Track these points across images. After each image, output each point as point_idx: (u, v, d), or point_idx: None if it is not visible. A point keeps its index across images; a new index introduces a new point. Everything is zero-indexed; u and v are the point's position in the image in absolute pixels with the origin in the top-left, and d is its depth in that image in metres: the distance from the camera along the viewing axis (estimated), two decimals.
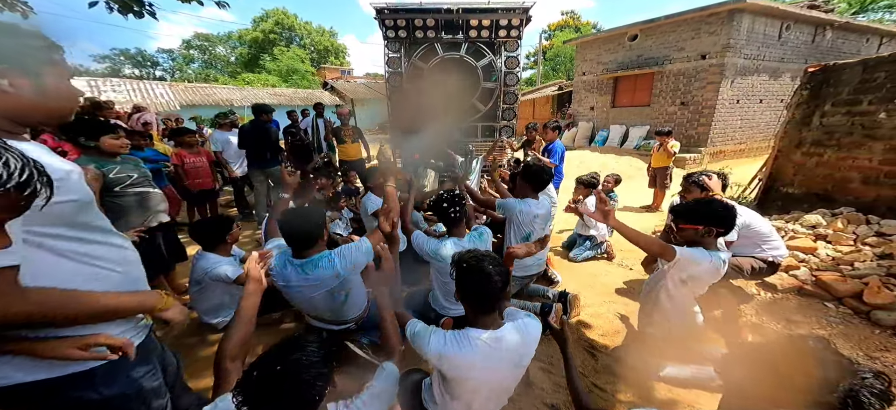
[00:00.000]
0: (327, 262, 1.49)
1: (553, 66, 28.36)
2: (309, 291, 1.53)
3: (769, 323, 2.36)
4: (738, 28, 7.93)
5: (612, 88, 10.81)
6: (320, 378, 0.78)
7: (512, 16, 4.42)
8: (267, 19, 27.30)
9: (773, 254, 2.14)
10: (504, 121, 5.10)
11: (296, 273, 1.50)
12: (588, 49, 11.35)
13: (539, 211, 2.35)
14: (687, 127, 9.08)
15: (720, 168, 4.59)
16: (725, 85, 8.34)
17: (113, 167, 1.92)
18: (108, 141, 1.88)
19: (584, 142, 10.99)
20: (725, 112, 8.75)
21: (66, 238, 0.74)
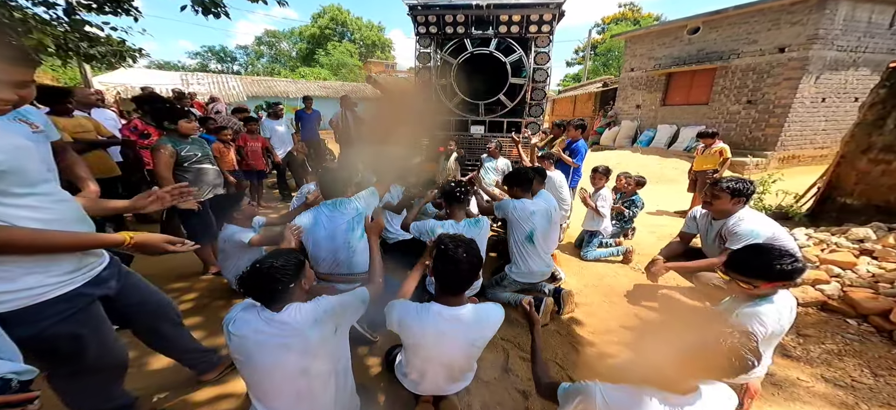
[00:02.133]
0: (351, 202, 1.98)
1: (605, 62, 26.56)
2: (332, 228, 1.89)
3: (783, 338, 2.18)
4: (832, 17, 6.84)
5: (663, 85, 9.95)
6: (285, 276, 1.11)
7: (543, 11, 4.38)
8: (323, 15, 29.27)
9: None
10: (530, 118, 5.09)
11: (328, 210, 1.92)
12: (638, 43, 10.55)
13: (534, 207, 2.35)
14: (752, 128, 8.09)
15: (765, 176, 4.10)
16: (807, 81, 7.26)
17: (184, 146, 2.36)
18: (184, 124, 2.35)
19: (626, 142, 10.31)
20: (804, 112, 7.62)
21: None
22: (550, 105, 16.47)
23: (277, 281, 1.10)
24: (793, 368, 1.97)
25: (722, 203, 2.05)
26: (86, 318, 1.10)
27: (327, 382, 1.19)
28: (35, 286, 0.97)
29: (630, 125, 10.54)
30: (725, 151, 3.99)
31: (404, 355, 1.45)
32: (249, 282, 1.11)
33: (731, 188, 2.02)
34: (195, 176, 2.40)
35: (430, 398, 1.51)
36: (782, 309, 1.36)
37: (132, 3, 4.45)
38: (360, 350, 1.98)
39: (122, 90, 10.55)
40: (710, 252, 2.24)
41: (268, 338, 1.09)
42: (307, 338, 1.11)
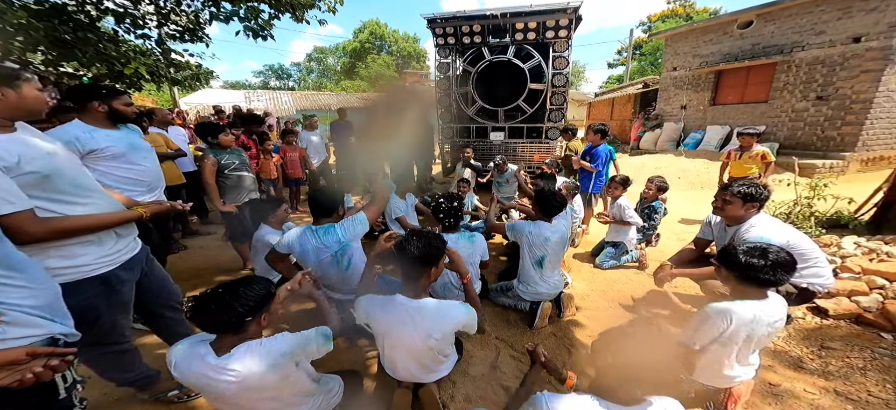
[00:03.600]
0: (334, 231, 1.88)
1: (653, 61, 24.78)
2: (319, 258, 1.84)
3: (798, 349, 1.99)
4: None
5: (712, 84, 9.07)
6: (244, 306, 1.02)
7: (559, 16, 4.39)
8: (364, 30, 31.25)
9: (812, 281, 1.78)
10: (550, 123, 5.05)
11: (313, 238, 1.86)
12: (680, 41, 9.76)
13: (552, 235, 2.24)
14: (824, 126, 7.04)
15: (815, 181, 3.57)
16: (892, 72, 6.17)
17: (224, 156, 2.70)
18: (223, 138, 2.77)
19: (669, 146, 9.51)
20: (892, 107, 6.46)
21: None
22: (587, 109, 15.79)
23: (233, 309, 1.00)
24: (801, 380, 1.81)
25: (733, 209, 1.93)
26: (116, 297, 1.32)
27: (295, 396, 1.23)
28: (85, 264, 1.21)
29: (674, 127, 9.73)
30: (768, 154, 3.54)
31: (377, 342, 1.55)
32: (199, 307, 0.99)
33: (742, 193, 1.89)
34: (234, 181, 2.80)
35: (410, 385, 1.58)
36: (759, 313, 1.35)
37: (204, 31, 5.32)
38: (362, 342, 2.11)
39: (201, 108, 12.38)
40: None
41: (217, 386, 1.02)
42: (264, 382, 1.05)
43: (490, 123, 5.30)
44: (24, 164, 1.01)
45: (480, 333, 2.14)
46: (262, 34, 5.17)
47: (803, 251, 1.82)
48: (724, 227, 2.09)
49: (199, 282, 2.84)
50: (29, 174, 1.02)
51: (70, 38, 3.90)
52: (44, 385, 0.91)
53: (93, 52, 4.06)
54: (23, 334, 0.87)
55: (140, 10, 4.71)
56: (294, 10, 5.16)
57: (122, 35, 4.66)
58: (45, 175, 1.06)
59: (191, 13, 5.14)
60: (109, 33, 4.55)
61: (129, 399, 1.68)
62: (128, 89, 4.63)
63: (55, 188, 1.10)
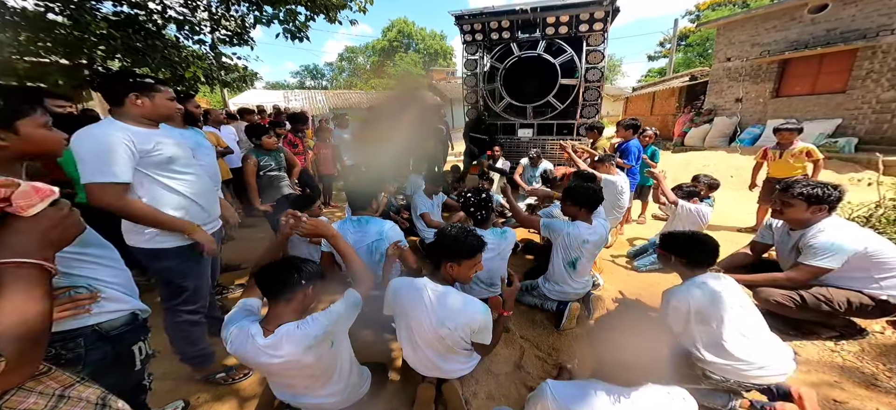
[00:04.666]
0: (376, 225, 1.97)
1: (701, 52, 22.70)
2: (355, 242, 1.93)
3: (871, 366, 1.75)
4: None
5: (775, 74, 8.13)
6: (303, 272, 1.20)
7: (595, 9, 4.16)
8: (392, 29, 31.78)
9: (893, 294, 1.53)
10: (583, 119, 4.82)
11: (353, 226, 1.98)
12: (736, 30, 8.83)
13: (591, 236, 2.10)
14: None
15: None
16: None
17: (263, 157, 2.86)
18: (265, 140, 2.96)
19: (721, 142, 8.69)
20: None
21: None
22: (623, 104, 14.88)
23: (291, 273, 1.17)
24: (873, 399, 1.61)
25: (795, 211, 1.72)
26: (202, 264, 1.58)
27: (333, 375, 1.32)
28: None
29: (727, 122, 8.86)
30: (814, 151, 3.11)
31: (397, 328, 1.60)
32: (267, 270, 1.17)
33: (806, 193, 1.68)
34: (266, 182, 2.97)
35: (433, 380, 1.60)
36: (694, 290, 1.47)
37: (249, 34, 5.72)
38: (387, 335, 2.14)
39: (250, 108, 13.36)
40: (786, 266, 1.88)
41: (264, 362, 1.15)
42: (303, 361, 1.17)
43: (518, 120, 5.18)
44: (157, 150, 1.36)
45: (490, 352, 2.11)
46: (299, 36, 5.46)
47: (885, 259, 1.59)
48: (787, 232, 1.88)
49: (241, 274, 3.06)
50: (160, 156, 1.37)
51: (141, 46, 4.39)
52: (124, 358, 1.03)
53: (159, 58, 4.53)
54: (115, 308, 1.00)
55: (196, 17, 5.18)
56: (327, 11, 5.35)
57: (182, 41, 5.17)
58: (169, 156, 1.41)
59: (238, 18, 5.57)
60: (172, 40, 5.06)
61: (179, 381, 1.84)
62: (188, 91, 5.15)
63: (173, 168, 1.43)
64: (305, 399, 1.35)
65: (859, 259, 1.61)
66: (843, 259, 1.60)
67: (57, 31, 3.94)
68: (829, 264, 1.62)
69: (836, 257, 1.61)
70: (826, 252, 1.62)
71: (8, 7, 3.80)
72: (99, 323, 0.96)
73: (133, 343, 1.05)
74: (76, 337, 0.91)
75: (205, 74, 5.45)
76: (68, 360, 0.77)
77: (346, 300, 1.31)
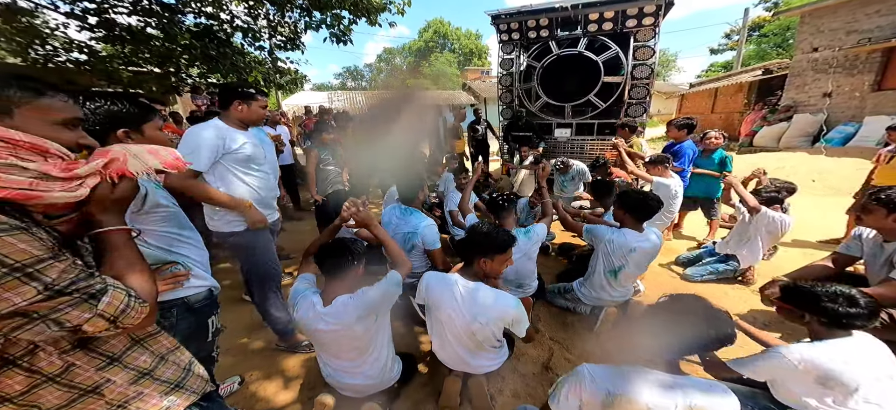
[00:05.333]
0: (416, 220, 2.10)
1: (780, 43, 19.93)
2: (395, 228, 2.13)
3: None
4: None
5: (877, 65, 6.96)
6: (355, 254, 1.41)
7: (645, 4, 3.89)
8: (428, 30, 32.23)
9: None
10: (628, 118, 4.55)
11: (399, 213, 2.17)
12: (826, 16, 7.64)
13: (639, 244, 1.98)
14: None
15: None
16: None
17: (322, 151, 3.18)
18: (325, 136, 3.30)
19: (802, 142, 7.61)
20: None
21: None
22: (678, 102, 13.63)
23: (345, 253, 1.37)
24: None
25: (874, 219, 1.56)
26: (261, 236, 1.80)
27: (372, 351, 1.45)
28: (268, 215, 1.75)
29: (810, 120, 7.72)
30: None
31: (426, 320, 1.68)
32: (324, 251, 1.36)
33: (885, 199, 1.49)
34: (324, 175, 3.25)
35: (460, 374, 1.66)
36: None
37: (301, 39, 6.21)
38: (416, 328, 2.25)
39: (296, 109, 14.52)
40: (875, 282, 1.66)
41: (321, 328, 1.33)
42: (353, 330, 1.34)
43: (555, 120, 5.02)
44: (241, 150, 1.60)
45: (529, 341, 2.11)
46: (343, 39, 5.82)
47: None
48: (881, 244, 1.66)
49: (290, 263, 3.35)
50: (243, 154, 1.62)
51: (214, 54, 4.99)
52: (202, 329, 1.20)
53: (229, 65, 5.11)
54: (199, 283, 1.18)
55: (257, 25, 5.76)
56: (368, 14, 5.59)
57: (246, 48, 5.77)
58: (249, 155, 1.65)
59: (291, 24, 6.08)
60: (238, 47, 5.68)
61: (237, 358, 2.07)
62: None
63: (250, 165, 1.68)
64: (347, 379, 1.50)
65: None
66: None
67: (153, 43, 4.63)
68: None
69: None
70: None
71: (118, 23, 4.55)
72: (187, 296, 1.14)
73: (209, 316, 1.23)
74: (171, 308, 1.09)
75: (263, 78, 6.03)
76: (164, 327, 0.90)
77: (388, 279, 1.44)
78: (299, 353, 2.04)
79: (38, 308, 0.54)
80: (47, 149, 0.59)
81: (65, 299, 0.56)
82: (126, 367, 0.71)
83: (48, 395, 0.63)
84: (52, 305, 0.55)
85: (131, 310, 0.63)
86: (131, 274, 0.66)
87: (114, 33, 4.49)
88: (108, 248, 0.66)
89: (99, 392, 0.67)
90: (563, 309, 2.38)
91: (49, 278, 0.54)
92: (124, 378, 0.70)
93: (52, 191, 0.56)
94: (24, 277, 0.52)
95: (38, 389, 0.61)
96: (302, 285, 1.44)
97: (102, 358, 0.67)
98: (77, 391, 0.65)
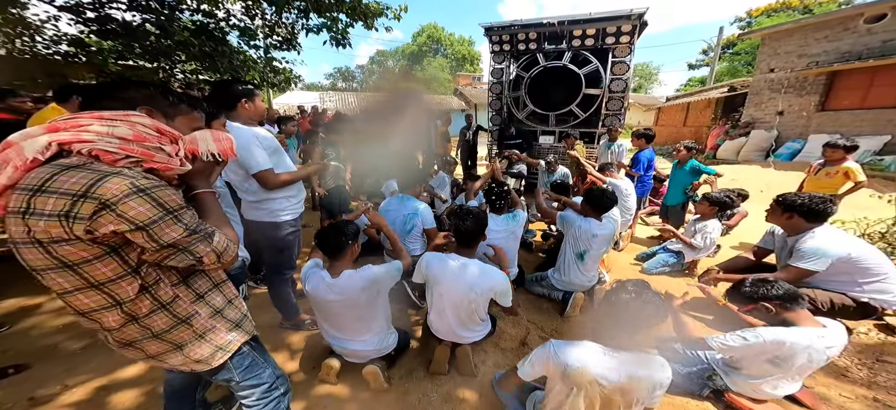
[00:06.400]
0: (414, 202, 2.38)
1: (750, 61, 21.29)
2: (394, 217, 2.37)
3: (846, 360, 1.86)
4: None
5: (822, 87, 7.70)
6: (348, 233, 1.60)
7: (622, 23, 4.30)
8: (421, 34, 32.49)
9: (875, 297, 1.65)
10: (604, 128, 4.95)
11: (396, 201, 2.43)
12: (783, 40, 8.42)
13: (599, 231, 2.38)
14: None
15: None
16: None
17: (326, 146, 3.53)
18: (333, 137, 3.52)
19: (756, 156, 8.31)
20: None
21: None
22: (655, 114, 14.43)
23: (341, 235, 1.56)
24: (838, 387, 1.76)
25: (775, 217, 1.94)
26: (295, 233, 1.94)
27: (373, 322, 1.66)
28: (298, 204, 1.88)
29: (764, 136, 8.45)
30: (854, 173, 2.91)
31: (427, 296, 1.90)
32: (322, 235, 1.56)
33: (780, 200, 1.88)
34: (331, 169, 3.43)
35: (449, 344, 1.89)
36: (817, 340, 1.40)
37: (298, 40, 6.32)
38: (410, 311, 2.51)
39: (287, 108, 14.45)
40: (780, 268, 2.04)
41: (331, 298, 1.50)
42: (357, 300, 1.54)
43: (540, 127, 5.38)
44: (268, 144, 1.68)
45: (513, 315, 2.39)
46: (343, 43, 5.97)
47: (868, 265, 1.73)
48: (785, 237, 2.04)
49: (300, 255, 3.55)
50: (270, 149, 1.69)
51: (210, 51, 5.09)
52: None
53: (226, 63, 5.21)
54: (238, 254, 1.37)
55: (254, 25, 5.86)
56: (365, 19, 5.72)
57: (241, 47, 5.86)
58: (275, 148, 1.73)
59: (289, 25, 6.19)
60: (233, 46, 5.76)
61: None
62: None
63: (274, 158, 1.72)
64: (349, 345, 1.72)
65: (844, 263, 1.75)
66: (828, 262, 1.74)
67: (148, 40, 4.69)
68: (813, 266, 1.77)
69: (820, 260, 1.76)
70: (812, 255, 1.78)
71: (112, 18, 4.59)
72: None
73: (239, 284, 1.44)
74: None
75: (259, 76, 6.12)
76: None
77: (392, 264, 1.70)
78: (302, 330, 2.23)
79: (181, 241, 0.75)
80: (178, 138, 0.82)
81: (196, 236, 0.77)
82: (208, 304, 0.91)
83: (158, 320, 0.82)
84: (189, 240, 0.76)
85: (229, 250, 0.84)
86: (223, 225, 0.88)
87: (107, 28, 4.54)
88: (203, 207, 0.88)
89: (189, 323, 0.87)
90: (539, 296, 2.68)
91: (187, 220, 0.76)
92: (206, 312, 0.90)
93: (175, 165, 0.79)
94: (174, 218, 0.73)
95: (154, 314, 0.81)
96: (311, 266, 1.65)
97: (194, 294, 0.89)
98: (176, 319, 0.85)
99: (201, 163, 0.87)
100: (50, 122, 0.71)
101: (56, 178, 0.65)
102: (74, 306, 0.76)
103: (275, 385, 1.08)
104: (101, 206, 0.65)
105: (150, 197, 0.69)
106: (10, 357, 1.96)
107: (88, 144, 0.69)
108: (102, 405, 1.66)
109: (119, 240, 0.71)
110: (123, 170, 0.70)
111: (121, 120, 0.73)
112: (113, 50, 4.69)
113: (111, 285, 0.74)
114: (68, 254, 0.68)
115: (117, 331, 0.80)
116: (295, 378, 1.87)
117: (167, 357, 0.87)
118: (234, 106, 1.59)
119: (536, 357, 1.31)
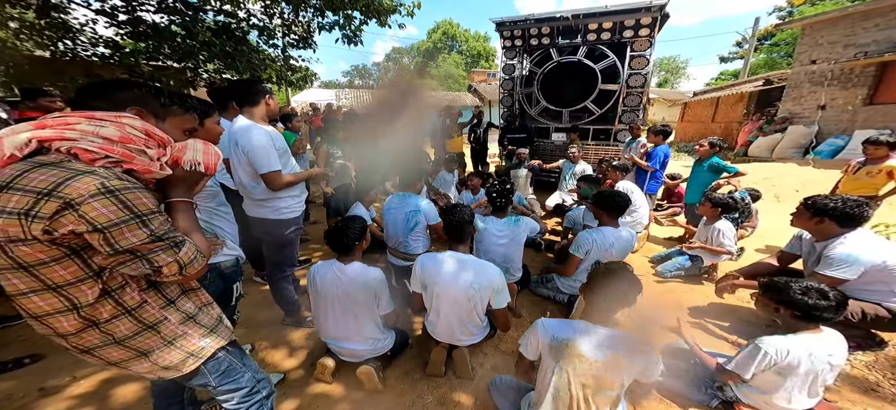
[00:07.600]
0: (415, 199, 2.38)
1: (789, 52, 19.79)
2: (396, 215, 2.38)
3: (877, 375, 1.72)
4: None
5: (870, 79, 7.03)
6: (355, 231, 1.67)
7: (641, 16, 4.08)
8: (437, 31, 32.29)
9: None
10: (622, 125, 4.73)
11: (398, 199, 2.42)
12: (826, 29, 7.72)
13: (615, 240, 2.18)
14: None
15: None
16: None
17: (331, 145, 3.57)
18: (340, 133, 3.57)
19: (794, 153, 7.70)
20: None
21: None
22: (681, 110, 13.68)
23: (348, 232, 1.63)
24: (865, 404, 1.63)
25: (801, 221, 1.78)
26: (297, 231, 2.00)
27: (364, 327, 1.68)
28: (300, 203, 1.93)
29: (803, 131, 7.81)
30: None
31: (425, 299, 1.87)
32: (332, 232, 1.63)
33: (809, 203, 1.71)
34: (331, 168, 3.40)
35: (446, 346, 1.87)
36: (816, 348, 1.34)
37: (314, 38, 6.43)
38: (409, 311, 2.43)
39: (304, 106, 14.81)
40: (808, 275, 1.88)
41: (336, 289, 1.57)
42: (356, 296, 1.60)
43: (553, 124, 5.22)
44: (279, 144, 1.73)
45: (516, 317, 2.33)
46: (355, 40, 6.02)
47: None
48: (813, 242, 1.88)
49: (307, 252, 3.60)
50: (282, 149, 1.75)
51: (231, 50, 5.26)
52: (227, 293, 1.39)
53: (245, 62, 5.38)
54: (229, 253, 1.41)
55: (272, 24, 6.01)
56: (379, 16, 5.71)
57: (261, 46, 6.02)
58: (285, 148, 1.80)
59: (304, 23, 6.30)
60: (253, 45, 5.93)
61: (249, 328, 2.29)
62: None
63: (283, 158, 1.78)
64: (346, 345, 1.74)
65: (878, 271, 1.60)
66: (859, 270, 1.60)
67: (174, 40, 4.92)
68: (844, 275, 1.62)
69: (851, 268, 1.61)
70: (842, 263, 1.64)
71: (142, 20, 4.85)
72: (219, 263, 1.35)
73: (234, 282, 1.45)
74: (207, 272, 1.28)
75: (276, 75, 6.28)
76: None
77: (388, 298, 1.78)
78: (304, 327, 2.26)
79: (142, 248, 0.71)
80: (167, 143, 0.81)
81: (160, 244, 0.73)
82: (178, 310, 0.88)
83: (121, 326, 0.79)
84: (151, 247, 0.72)
85: (195, 262, 0.80)
86: (194, 235, 0.84)
87: (139, 30, 4.79)
88: (176, 214, 0.84)
89: (156, 329, 0.84)
90: (544, 298, 2.60)
91: (154, 225, 0.72)
92: (176, 318, 0.87)
93: (155, 169, 0.78)
94: (139, 222, 0.70)
95: (116, 319, 0.78)
96: (321, 266, 1.73)
97: (164, 299, 0.86)
98: (141, 325, 0.81)
99: (182, 170, 0.83)
100: (38, 120, 0.70)
101: (26, 175, 0.64)
102: (28, 308, 0.72)
103: (256, 388, 1.07)
104: (64, 205, 0.63)
105: (118, 198, 0.67)
106: (27, 347, 2.06)
107: (69, 142, 0.67)
108: (107, 397, 1.73)
109: (80, 242, 0.68)
110: (98, 170, 0.68)
111: (110, 120, 0.73)
112: (144, 51, 4.95)
113: (70, 288, 0.71)
114: (24, 256, 0.66)
115: (74, 337, 0.76)
116: (294, 375, 1.91)
117: (131, 364, 0.84)
118: (259, 102, 1.69)
119: (531, 335, 1.32)
